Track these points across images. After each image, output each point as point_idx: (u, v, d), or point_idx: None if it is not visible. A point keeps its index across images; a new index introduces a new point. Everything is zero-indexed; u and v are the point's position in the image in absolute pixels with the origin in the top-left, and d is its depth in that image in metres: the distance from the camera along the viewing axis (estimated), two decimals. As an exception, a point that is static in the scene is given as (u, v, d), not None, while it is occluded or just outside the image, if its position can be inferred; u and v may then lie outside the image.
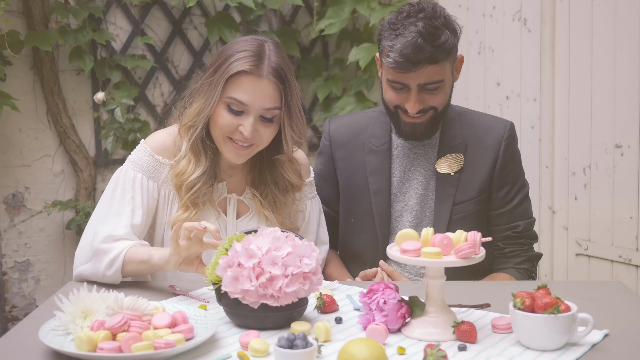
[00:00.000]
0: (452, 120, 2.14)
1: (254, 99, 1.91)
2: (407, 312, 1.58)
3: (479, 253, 1.58)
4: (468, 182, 2.10)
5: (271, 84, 1.91)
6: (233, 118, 1.92)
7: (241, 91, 1.90)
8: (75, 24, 3.54)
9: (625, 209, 2.88)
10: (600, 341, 1.53)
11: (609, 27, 2.90)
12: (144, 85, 3.77)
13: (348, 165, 2.18)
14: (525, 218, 2.16)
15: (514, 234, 2.14)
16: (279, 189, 2.06)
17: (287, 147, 2.00)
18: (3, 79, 3.43)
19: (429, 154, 2.14)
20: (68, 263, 3.70)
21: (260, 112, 1.92)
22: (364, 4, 3.66)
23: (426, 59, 1.94)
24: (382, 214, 2.13)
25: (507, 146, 2.13)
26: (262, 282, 1.55)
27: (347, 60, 3.80)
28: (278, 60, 1.93)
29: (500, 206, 2.13)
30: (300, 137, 2.01)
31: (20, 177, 3.56)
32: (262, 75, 1.90)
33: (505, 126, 2.15)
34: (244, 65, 1.90)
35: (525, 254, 2.16)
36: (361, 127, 2.20)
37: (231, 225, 2.04)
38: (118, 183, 1.99)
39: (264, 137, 1.96)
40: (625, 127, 2.86)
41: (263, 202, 2.04)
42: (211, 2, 3.81)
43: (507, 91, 3.31)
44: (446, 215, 2.09)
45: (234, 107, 1.92)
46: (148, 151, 2.02)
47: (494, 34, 3.36)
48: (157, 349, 1.41)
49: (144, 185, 1.99)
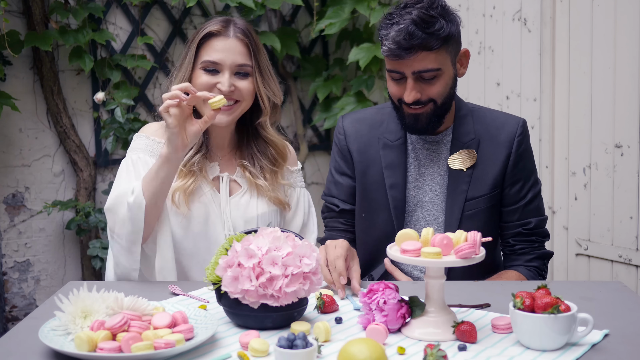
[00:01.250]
0: (465, 116, 2.15)
1: (225, 56, 2.08)
2: (407, 312, 1.58)
3: (479, 253, 1.58)
4: (480, 178, 2.10)
5: (239, 41, 2.10)
6: (210, 78, 2.09)
7: (212, 51, 2.09)
8: (75, 24, 3.54)
9: (625, 209, 2.88)
10: (600, 341, 1.53)
11: (609, 27, 2.90)
12: (144, 85, 3.77)
13: (363, 159, 2.18)
14: (537, 215, 2.15)
15: (525, 231, 2.14)
16: (266, 157, 2.20)
17: (264, 104, 2.14)
18: (3, 79, 3.43)
19: (442, 150, 2.14)
20: (68, 263, 3.70)
21: (233, 68, 2.09)
22: (364, 4, 3.66)
23: (418, 46, 1.95)
24: (398, 207, 2.13)
25: (520, 143, 2.13)
26: (262, 282, 1.56)
27: (347, 60, 3.80)
28: (244, 23, 2.14)
29: (513, 203, 2.13)
30: (275, 96, 2.15)
31: (20, 177, 3.56)
32: (230, 35, 2.10)
33: (518, 122, 2.15)
34: (212, 27, 2.10)
35: (535, 251, 2.15)
36: (375, 123, 2.20)
37: (224, 201, 2.14)
38: (122, 169, 2.12)
39: (243, 91, 2.10)
40: (625, 127, 2.86)
41: (252, 171, 2.17)
42: (211, 2, 3.81)
43: (507, 91, 3.31)
44: (458, 211, 2.09)
45: (209, 69, 2.09)
46: (143, 135, 2.17)
47: (494, 34, 3.36)
48: (157, 349, 1.41)
49: (148, 162, 2.11)
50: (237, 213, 2.14)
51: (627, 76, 2.84)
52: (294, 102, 4.15)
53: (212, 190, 2.13)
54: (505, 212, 2.14)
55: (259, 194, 2.17)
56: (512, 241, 2.15)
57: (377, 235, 2.15)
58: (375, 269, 2.14)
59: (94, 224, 3.53)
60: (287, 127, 4.17)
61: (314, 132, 4.26)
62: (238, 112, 2.12)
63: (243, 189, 2.18)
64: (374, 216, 2.16)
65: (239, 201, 2.15)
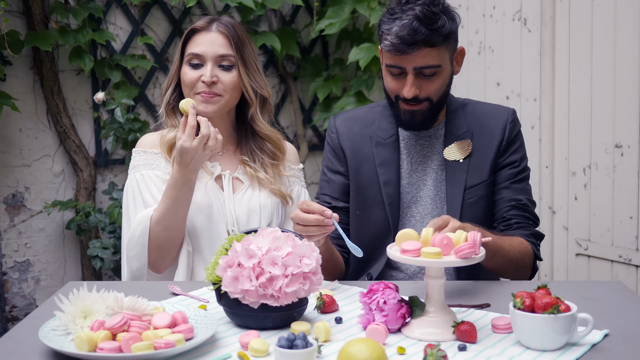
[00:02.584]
0: (456, 110, 2.17)
1: (207, 48, 2.15)
2: (407, 312, 1.58)
3: (479, 253, 1.58)
4: (477, 166, 2.12)
5: (220, 34, 2.17)
6: (194, 72, 2.16)
7: (195, 45, 2.17)
8: (75, 24, 3.54)
9: (625, 209, 2.88)
10: (600, 341, 1.53)
11: (609, 27, 2.90)
12: (144, 85, 3.77)
13: (356, 157, 2.19)
14: (528, 195, 2.16)
15: (520, 205, 2.13)
16: (265, 153, 2.24)
17: (249, 95, 2.18)
18: (3, 79, 3.43)
19: (435, 145, 2.15)
20: (68, 263, 3.70)
21: (216, 59, 2.15)
22: (364, 4, 3.66)
23: (422, 42, 1.97)
24: (393, 204, 2.13)
25: (511, 129, 2.15)
26: (262, 282, 1.55)
27: (347, 60, 3.80)
28: (229, 19, 2.20)
29: (505, 180, 2.14)
30: (261, 88, 2.20)
31: (20, 177, 3.56)
32: (212, 29, 2.18)
33: (508, 112, 2.18)
34: (197, 24, 2.19)
35: (531, 228, 2.13)
36: (367, 121, 2.21)
37: (228, 199, 2.17)
38: (128, 193, 2.17)
39: (225, 83, 2.15)
40: (625, 127, 2.86)
41: (253, 165, 2.21)
42: (211, 2, 3.81)
43: (507, 91, 3.31)
44: (458, 200, 2.10)
45: (193, 62, 2.16)
46: (140, 150, 2.21)
47: (494, 34, 3.36)
48: (157, 349, 1.41)
49: (152, 177, 2.16)
50: (240, 209, 2.17)
51: (627, 76, 2.84)
52: (294, 102, 4.14)
53: (216, 188, 2.18)
54: (498, 189, 2.14)
55: (260, 186, 2.21)
56: (507, 215, 2.13)
57: (373, 232, 2.15)
58: (374, 267, 2.14)
59: (94, 224, 3.53)
60: (287, 127, 4.17)
61: (314, 132, 4.26)
62: (221, 103, 2.16)
63: (245, 185, 2.21)
64: (368, 213, 2.16)
65: (242, 198, 2.19)
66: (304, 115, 4.20)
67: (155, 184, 2.15)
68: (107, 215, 3.52)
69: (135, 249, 2.07)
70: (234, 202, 2.17)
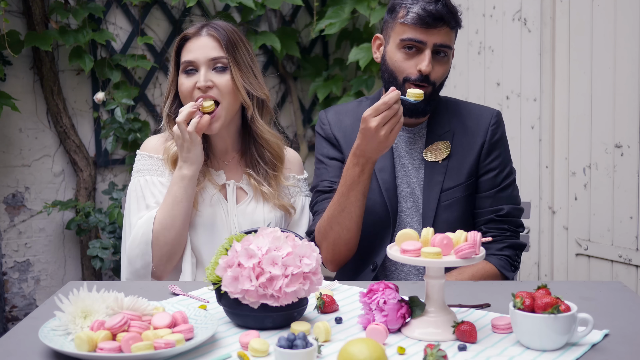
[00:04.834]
0: (440, 108, 2.19)
1: (198, 54, 2.14)
2: (407, 312, 1.58)
3: (479, 253, 1.58)
4: (456, 168, 2.13)
5: (209, 37, 2.16)
6: (190, 79, 2.14)
7: (187, 52, 2.16)
8: (75, 24, 3.54)
9: (625, 209, 2.88)
10: (600, 341, 1.53)
11: (609, 27, 2.90)
12: (144, 85, 3.77)
13: (349, 146, 2.19)
14: (510, 203, 2.15)
15: (497, 218, 2.13)
16: (265, 162, 2.22)
17: (243, 98, 2.15)
18: (3, 79, 3.43)
19: (417, 142, 2.17)
20: (68, 263, 3.70)
21: (208, 63, 2.14)
22: (364, 4, 3.66)
23: (444, 19, 2.04)
24: (390, 189, 2.14)
25: (494, 132, 2.16)
26: (262, 282, 1.55)
27: (347, 60, 3.80)
28: (221, 22, 2.19)
29: (486, 189, 2.15)
30: (257, 90, 2.17)
31: (20, 177, 3.56)
32: (202, 34, 2.17)
33: (492, 113, 2.19)
34: (188, 31, 2.19)
35: (507, 240, 2.13)
36: (357, 114, 2.22)
37: (232, 209, 2.17)
38: (131, 197, 2.16)
39: (220, 86, 2.13)
40: (625, 127, 2.86)
41: (257, 177, 2.20)
42: (211, 2, 3.81)
43: (507, 91, 3.31)
44: (434, 201, 2.11)
45: (187, 69, 2.15)
46: (145, 155, 2.21)
47: (494, 34, 3.36)
48: (157, 349, 1.41)
49: (156, 184, 2.16)
50: (244, 220, 2.16)
51: (627, 76, 2.84)
52: (294, 102, 4.15)
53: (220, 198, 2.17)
54: (479, 198, 2.15)
55: (265, 200, 2.20)
56: (484, 228, 2.14)
57: (373, 220, 2.15)
58: (378, 255, 2.14)
59: (94, 224, 3.53)
60: (287, 127, 4.17)
61: (314, 132, 4.26)
62: (223, 114, 2.14)
63: (249, 196, 2.21)
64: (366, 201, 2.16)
65: (246, 209, 2.18)
66: (304, 115, 4.20)
67: (160, 191, 2.15)
68: (107, 215, 3.52)
69: (140, 247, 2.08)
70: (237, 213, 2.17)
